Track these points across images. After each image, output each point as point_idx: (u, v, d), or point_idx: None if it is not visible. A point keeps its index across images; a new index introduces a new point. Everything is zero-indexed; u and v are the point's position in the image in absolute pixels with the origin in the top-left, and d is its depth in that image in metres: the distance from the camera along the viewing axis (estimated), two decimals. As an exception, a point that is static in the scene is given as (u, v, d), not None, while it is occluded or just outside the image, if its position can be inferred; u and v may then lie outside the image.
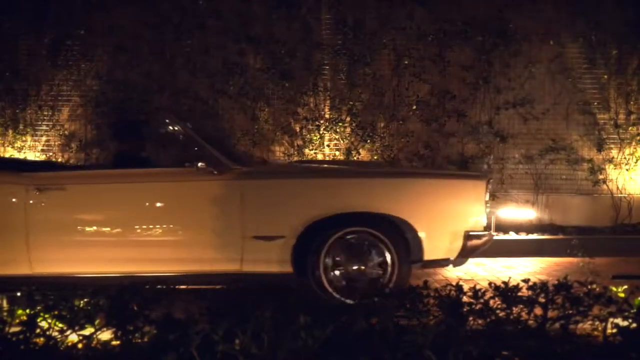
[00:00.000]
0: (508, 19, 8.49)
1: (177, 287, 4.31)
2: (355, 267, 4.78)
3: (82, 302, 3.22)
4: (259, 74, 8.53)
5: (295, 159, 8.34)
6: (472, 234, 4.84)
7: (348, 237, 4.79)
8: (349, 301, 4.47)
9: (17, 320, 3.13)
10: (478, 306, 3.18)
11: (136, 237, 4.80)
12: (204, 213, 4.80)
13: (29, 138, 8.55)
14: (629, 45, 8.51)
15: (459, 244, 4.81)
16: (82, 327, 3.13)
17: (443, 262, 4.94)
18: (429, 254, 4.79)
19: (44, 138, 8.62)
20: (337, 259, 4.79)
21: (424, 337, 2.86)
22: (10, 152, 8.50)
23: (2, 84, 8.45)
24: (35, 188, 4.79)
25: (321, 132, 8.40)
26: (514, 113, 8.62)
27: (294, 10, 8.59)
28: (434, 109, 8.52)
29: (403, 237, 4.78)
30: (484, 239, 4.90)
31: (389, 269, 4.73)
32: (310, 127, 8.42)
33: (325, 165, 6.21)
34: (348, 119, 8.42)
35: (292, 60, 8.47)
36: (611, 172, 8.60)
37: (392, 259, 4.74)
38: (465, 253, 4.87)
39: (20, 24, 8.43)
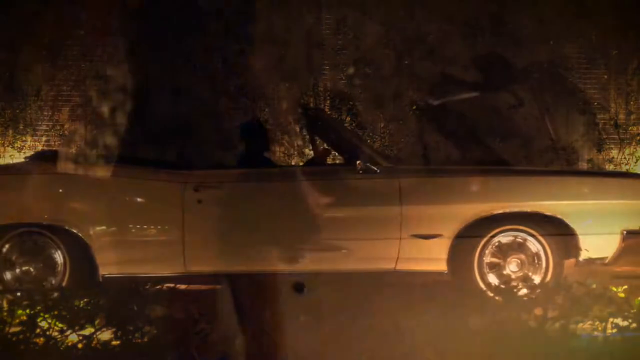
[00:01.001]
0: (508, 19, 8.49)
1: (177, 286, 4.27)
2: (509, 266, 4.77)
3: (82, 302, 3.22)
4: (259, 74, 8.52)
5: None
6: (630, 233, 4.79)
7: (503, 235, 4.76)
8: (502, 299, 4.37)
9: (17, 320, 3.13)
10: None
11: (293, 236, 4.77)
12: (363, 211, 4.77)
13: (29, 138, 8.54)
14: (629, 45, 8.50)
15: (615, 243, 4.77)
16: (82, 327, 3.13)
17: (598, 261, 4.87)
18: (585, 253, 4.76)
19: (44, 138, 8.61)
20: (492, 257, 4.77)
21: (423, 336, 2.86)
22: (10, 152, 8.49)
23: (2, 84, 8.44)
24: (193, 186, 4.70)
25: (321, 132, 8.39)
26: (513, 113, 8.60)
27: (294, 10, 8.58)
28: (434, 109, 8.51)
29: (559, 236, 4.75)
30: None
31: (543, 267, 4.72)
32: (310, 127, 8.41)
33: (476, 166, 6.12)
34: (348, 119, 8.41)
35: (292, 60, 8.46)
36: (611, 172, 8.60)
37: (546, 257, 4.72)
38: (622, 253, 4.82)
39: (20, 24, 8.41)
